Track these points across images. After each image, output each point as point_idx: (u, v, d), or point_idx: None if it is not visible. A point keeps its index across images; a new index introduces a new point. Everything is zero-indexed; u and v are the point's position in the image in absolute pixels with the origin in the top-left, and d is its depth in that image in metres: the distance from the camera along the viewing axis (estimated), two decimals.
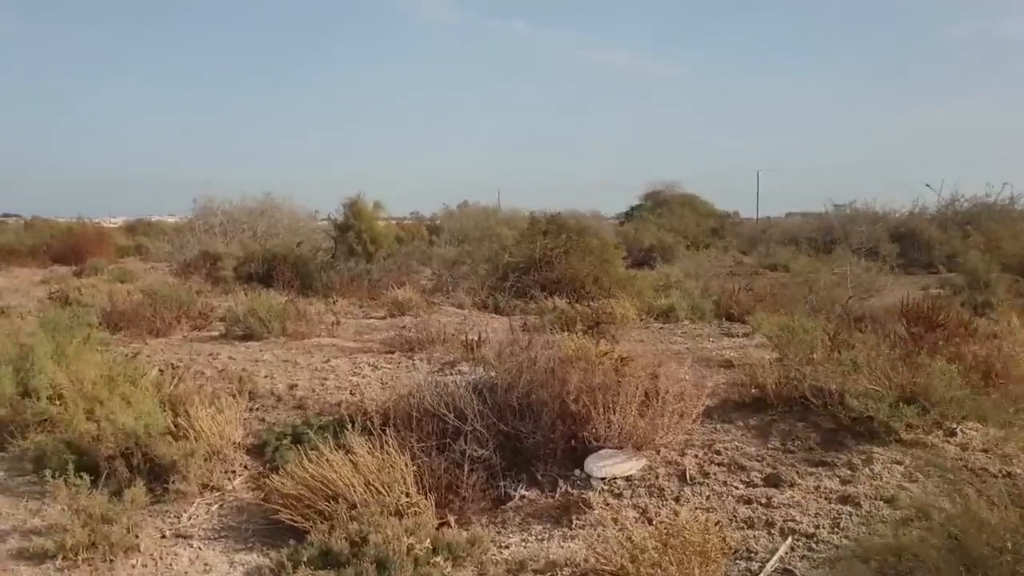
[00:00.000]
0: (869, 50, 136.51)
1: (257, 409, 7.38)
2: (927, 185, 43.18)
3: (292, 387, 7.92)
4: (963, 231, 30.86)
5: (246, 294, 17.50)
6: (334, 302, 14.53)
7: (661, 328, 11.66)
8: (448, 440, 5.37)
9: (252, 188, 29.85)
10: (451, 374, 7.77)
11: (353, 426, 5.72)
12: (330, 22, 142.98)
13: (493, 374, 6.12)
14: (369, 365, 8.64)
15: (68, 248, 26.01)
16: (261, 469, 6.07)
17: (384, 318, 13.41)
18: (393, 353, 9.17)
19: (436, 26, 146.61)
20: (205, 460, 6.04)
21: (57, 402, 7.01)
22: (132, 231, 44.97)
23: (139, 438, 6.15)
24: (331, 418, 6.52)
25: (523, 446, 5.30)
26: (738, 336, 10.65)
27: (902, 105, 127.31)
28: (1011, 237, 19.15)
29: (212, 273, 19.02)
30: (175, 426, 6.58)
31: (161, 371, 9.07)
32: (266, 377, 8.44)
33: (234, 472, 6.11)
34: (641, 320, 11.37)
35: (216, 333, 11.22)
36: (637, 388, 5.07)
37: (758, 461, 5.42)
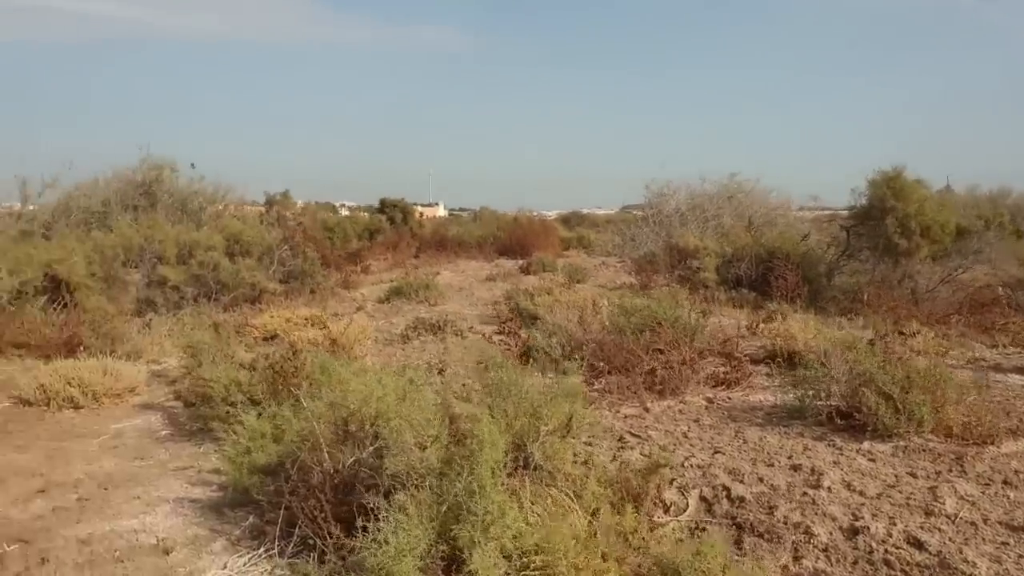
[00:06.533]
0: None
1: None
2: None
3: None
4: None
5: (741, 307, 12.68)
6: (912, 333, 8.70)
7: None
8: None
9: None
10: None
11: None
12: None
13: None
14: None
15: (514, 240, 23.66)
16: None
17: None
18: None
19: None
20: None
21: None
22: (568, 223, 43.27)
23: None
24: None
25: None
26: None
27: None
28: None
29: (685, 275, 14.37)
30: None
31: (700, 528, 4.20)
32: None
33: None
34: None
35: (770, 399, 6.23)
36: None
37: None
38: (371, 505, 3.57)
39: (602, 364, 7.04)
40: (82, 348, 8.23)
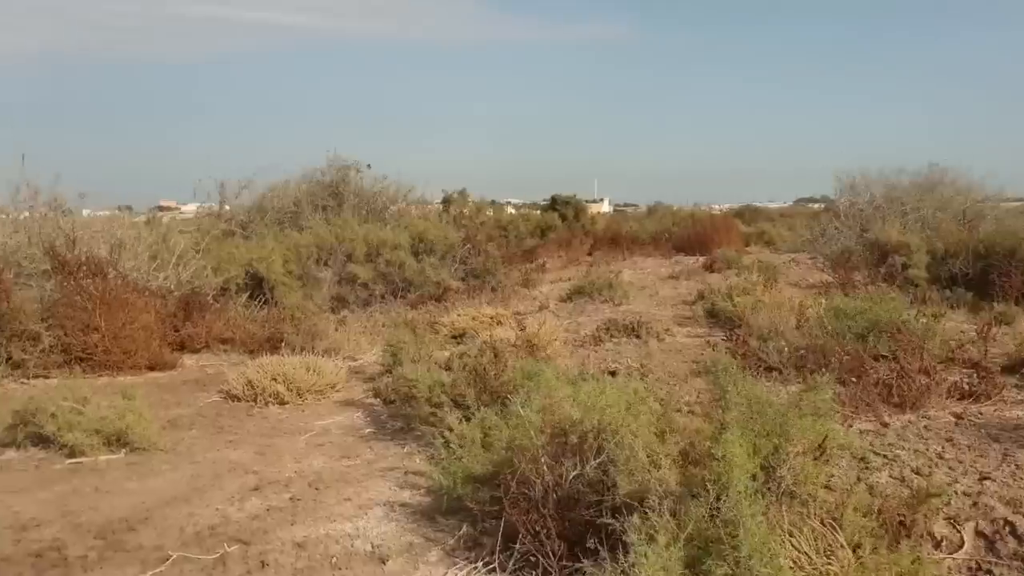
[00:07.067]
0: None
1: None
2: None
3: None
4: None
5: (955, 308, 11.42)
6: None
7: None
8: None
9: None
10: None
11: None
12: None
13: None
14: None
15: (691, 236, 22.79)
16: None
17: None
18: None
19: None
20: None
21: None
22: (741, 217, 41.43)
23: None
24: None
25: None
26: None
27: None
28: None
29: (891, 273, 13.18)
30: None
31: (985, 571, 3.53)
32: None
33: None
34: None
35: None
36: None
37: None
38: (605, 524, 3.24)
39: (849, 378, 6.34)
40: (284, 344, 8.45)
